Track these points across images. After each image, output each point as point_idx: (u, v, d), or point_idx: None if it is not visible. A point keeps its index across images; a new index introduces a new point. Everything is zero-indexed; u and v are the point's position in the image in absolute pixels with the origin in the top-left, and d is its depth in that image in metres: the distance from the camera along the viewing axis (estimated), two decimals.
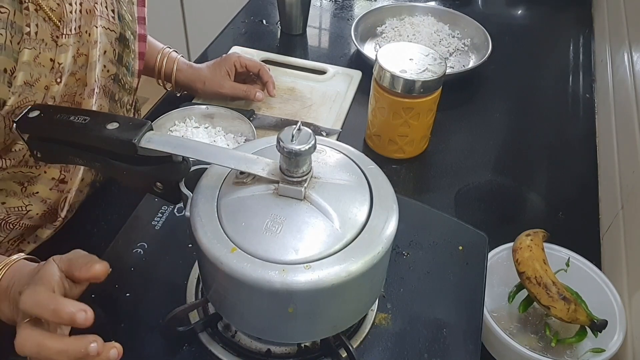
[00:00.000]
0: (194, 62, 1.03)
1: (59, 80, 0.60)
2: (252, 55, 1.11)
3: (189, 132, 0.87)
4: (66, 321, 0.43)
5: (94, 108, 0.68)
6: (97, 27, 0.64)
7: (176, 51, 0.94)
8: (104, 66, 0.68)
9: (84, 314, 0.42)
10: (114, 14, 0.68)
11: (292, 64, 1.10)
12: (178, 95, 0.98)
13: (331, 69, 1.08)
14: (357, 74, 1.07)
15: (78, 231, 0.75)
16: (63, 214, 0.71)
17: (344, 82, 1.05)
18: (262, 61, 1.09)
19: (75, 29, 0.61)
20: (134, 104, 0.82)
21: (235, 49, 1.12)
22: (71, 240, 0.74)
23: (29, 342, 0.43)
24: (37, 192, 0.69)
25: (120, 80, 0.73)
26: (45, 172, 0.68)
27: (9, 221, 0.69)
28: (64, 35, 0.59)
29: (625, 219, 0.75)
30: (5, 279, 0.49)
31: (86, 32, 0.63)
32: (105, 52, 0.68)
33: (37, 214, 0.70)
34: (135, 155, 0.48)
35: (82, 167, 0.70)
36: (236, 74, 0.95)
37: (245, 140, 0.87)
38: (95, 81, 0.66)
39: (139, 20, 0.75)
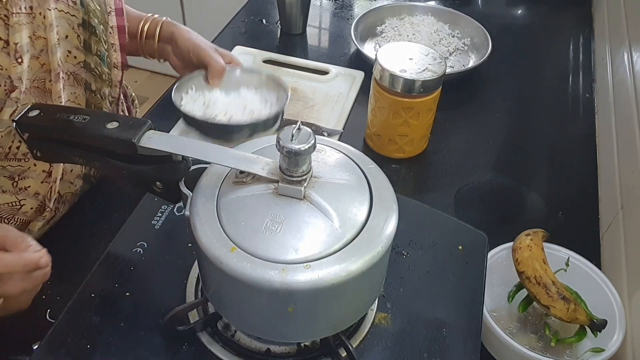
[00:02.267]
0: None
1: (19, 60, 0.60)
2: (253, 54, 1.11)
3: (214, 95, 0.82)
4: (34, 268, 0.52)
5: (64, 95, 0.68)
6: (50, 10, 0.63)
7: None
8: (69, 52, 0.68)
9: (44, 254, 0.53)
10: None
11: (295, 64, 1.09)
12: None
13: (333, 69, 1.07)
14: (359, 75, 1.07)
15: (77, 230, 0.75)
16: (51, 204, 0.70)
17: (346, 83, 1.05)
18: (265, 61, 1.10)
19: (25, 8, 0.61)
20: (119, 97, 0.81)
21: (237, 49, 1.12)
22: (70, 240, 0.74)
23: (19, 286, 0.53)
24: (29, 187, 0.69)
25: (94, 69, 0.72)
26: (35, 164, 0.68)
27: (3, 217, 0.69)
28: (13, 15, 0.59)
29: (625, 218, 0.75)
30: None
31: (40, 13, 0.62)
32: (67, 36, 0.67)
33: (31, 208, 0.70)
34: (135, 155, 0.49)
35: None
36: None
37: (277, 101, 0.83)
38: (59, 65, 0.66)
39: (117, 12, 0.75)
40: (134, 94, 0.92)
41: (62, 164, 0.70)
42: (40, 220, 0.71)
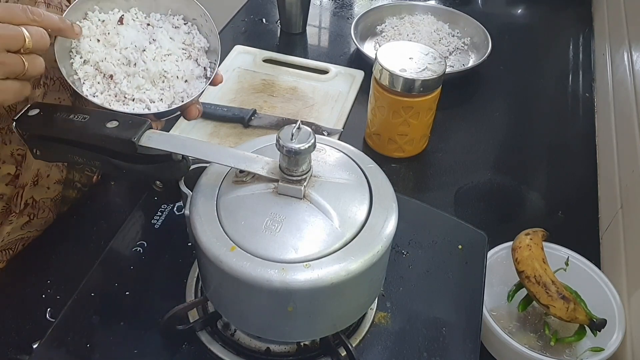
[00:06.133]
0: None
1: None
2: (253, 54, 1.11)
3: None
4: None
5: (45, 100, 0.64)
6: None
7: None
8: None
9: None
10: (69, 3, 0.62)
11: (295, 63, 1.09)
12: None
13: (333, 68, 1.08)
14: (359, 74, 1.07)
15: (77, 230, 0.75)
16: (17, 209, 0.68)
17: (346, 82, 1.05)
18: (265, 61, 1.10)
19: None
20: None
21: (237, 48, 1.12)
22: (70, 239, 0.74)
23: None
24: None
25: None
26: None
27: None
28: None
29: (625, 218, 0.75)
30: None
31: None
32: None
33: None
34: (135, 154, 0.49)
35: (34, 161, 0.67)
36: None
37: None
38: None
39: None
40: None
41: (30, 169, 0.67)
42: (8, 224, 0.68)
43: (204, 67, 0.60)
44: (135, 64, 0.57)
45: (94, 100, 0.55)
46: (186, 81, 0.59)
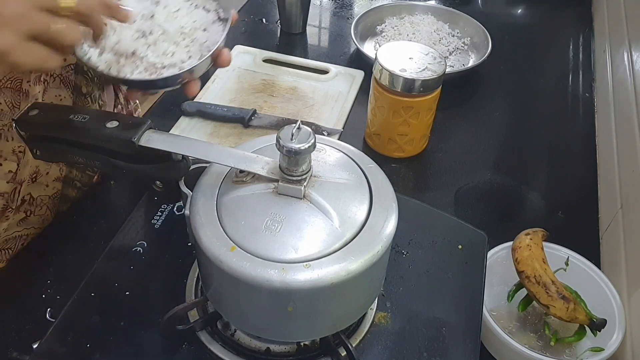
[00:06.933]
0: None
1: None
2: (254, 54, 1.11)
3: None
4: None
5: (44, 97, 0.64)
6: None
7: None
8: None
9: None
10: None
11: (295, 63, 1.09)
12: None
13: (333, 68, 1.07)
14: (359, 74, 1.07)
15: (77, 229, 0.75)
16: (14, 205, 0.67)
17: (346, 82, 1.05)
18: (265, 61, 1.10)
19: None
20: (115, 102, 0.79)
21: (238, 48, 1.12)
22: (70, 239, 0.74)
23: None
24: None
25: (87, 72, 0.70)
26: (0, 164, 0.65)
27: None
28: None
29: (625, 218, 0.75)
30: None
31: None
32: None
33: None
34: (135, 154, 0.49)
35: (30, 159, 0.66)
36: None
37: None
38: None
39: None
40: (137, 101, 0.91)
41: (30, 166, 0.67)
42: (4, 220, 0.68)
43: (215, 11, 0.58)
44: (151, 32, 0.54)
45: (130, 79, 0.51)
46: (205, 30, 0.57)
